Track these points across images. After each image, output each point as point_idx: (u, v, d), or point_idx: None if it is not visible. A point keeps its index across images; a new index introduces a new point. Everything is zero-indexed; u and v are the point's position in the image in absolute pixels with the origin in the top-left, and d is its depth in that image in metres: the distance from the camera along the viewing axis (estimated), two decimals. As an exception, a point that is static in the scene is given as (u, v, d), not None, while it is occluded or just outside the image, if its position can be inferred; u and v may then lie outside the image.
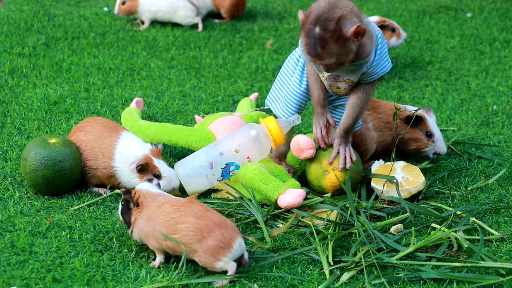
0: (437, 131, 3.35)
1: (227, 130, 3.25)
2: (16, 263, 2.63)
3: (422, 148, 3.35)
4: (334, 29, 2.73)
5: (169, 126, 3.32)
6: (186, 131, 3.28)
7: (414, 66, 4.54)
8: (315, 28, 2.74)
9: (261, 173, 2.97)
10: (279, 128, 3.01)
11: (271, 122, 3.02)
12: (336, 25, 2.73)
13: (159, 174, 3.01)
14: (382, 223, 2.85)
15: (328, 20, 2.72)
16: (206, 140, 3.24)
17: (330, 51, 2.75)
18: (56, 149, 3.01)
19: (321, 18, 2.73)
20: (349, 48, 2.78)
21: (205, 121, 3.38)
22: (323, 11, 2.74)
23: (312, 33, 2.74)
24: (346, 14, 2.74)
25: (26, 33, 4.76)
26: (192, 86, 4.14)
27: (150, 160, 3.02)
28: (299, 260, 2.70)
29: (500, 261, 2.66)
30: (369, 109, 3.31)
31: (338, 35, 2.73)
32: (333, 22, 2.72)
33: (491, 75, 4.40)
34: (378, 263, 2.63)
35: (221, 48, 4.71)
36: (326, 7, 2.74)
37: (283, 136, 3.02)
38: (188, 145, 3.26)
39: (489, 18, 5.38)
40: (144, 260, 2.67)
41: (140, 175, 3.02)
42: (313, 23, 2.74)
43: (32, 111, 3.76)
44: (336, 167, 3.01)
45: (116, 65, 4.37)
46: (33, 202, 3.00)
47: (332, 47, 2.74)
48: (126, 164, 3.03)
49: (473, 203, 3.07)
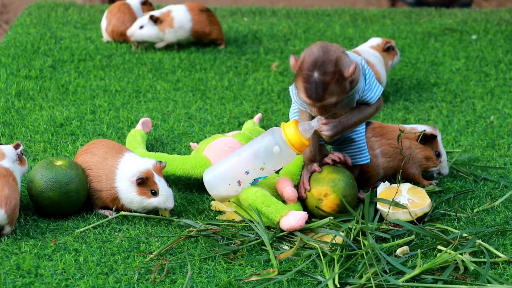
0: (444, 151, 3.36)
1: (221, 153, 3.25)
2: (21, 285, 2.63)
3: (431, 167, 3.35)
4: (334, 71, 2.83)
5: (164, 156, 3.30)
6: (181, 160, 3.28)
7: (419, 88, 4.55)
8: (314, 73, 2.82)
9: (263, 196, 2.97)
10: (297, 135, 2.96)
11: (290, 128, 2.97)
12: (335, 67, 2.82)
13: (157, 191, 3.01)
14: (387, 245, 2.84)
15: (326, 64, 2.82)
16: (202, 166, 3.24)
17: (331, 92, 2.84)
18: (63, 171, 3.01)
19: (318, 62, 2.82)
20: (346, 86, 2.88)
21: (200, 147, 3.38)
22: (318, 56, 2.83)
23: (312, 79, 2.83)
24: (340, 56, 2.85)
25: (32, 56, 4.78)
26: (197, 108, 4.15)
27: (151, 175, 3.01)
28: (305, 282, 2.69)
29: (507, 283, 2.64)
30: (377, 136, 3.31)
31: (337, 77, 2.83)
32: (332, 64, 2.82)
33: (497, 97, 4.40)
34: (385, 285, 2.62)
35: (227, 70, 4.73)
36: (321, 52, 2.84)
37: (303, 141, 2.97)
38: (185, 173, 3.26)
39: (494, 40, 5.39)
40: (150, 282, 2.67)
41: (139, 189, 3.01)
42: (310, 68, 2.83)
43: (39, 133, 3.77)
44: (328, 193, 3.02)
45: (122, 87, 4.39)
46: (39, 224, 3.00)
47: (332, 88, 2.84)
48: (126, 182, 3.03)
49: (479, 225, 3.07)
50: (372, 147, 3.30)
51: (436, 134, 3.34)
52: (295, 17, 5.95)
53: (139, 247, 2.87)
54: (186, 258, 2.79)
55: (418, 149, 3.32)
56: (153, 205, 3.02)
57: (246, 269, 2.76)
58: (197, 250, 2.86)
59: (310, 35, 5.47)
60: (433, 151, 3.34)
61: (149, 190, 3.01)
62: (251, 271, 2.74)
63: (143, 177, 2.99)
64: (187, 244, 2.90)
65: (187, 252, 2.84)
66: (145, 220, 3.05)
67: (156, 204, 3.01)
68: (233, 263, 2.79)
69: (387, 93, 4.42)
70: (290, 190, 3.06)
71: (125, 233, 2.96)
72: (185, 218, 3.03)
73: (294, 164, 3.19)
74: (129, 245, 2.88)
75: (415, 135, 3.31)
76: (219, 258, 2.81)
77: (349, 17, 5.99)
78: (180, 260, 2.79)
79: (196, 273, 2.73)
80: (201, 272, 2.73)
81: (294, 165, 3.19)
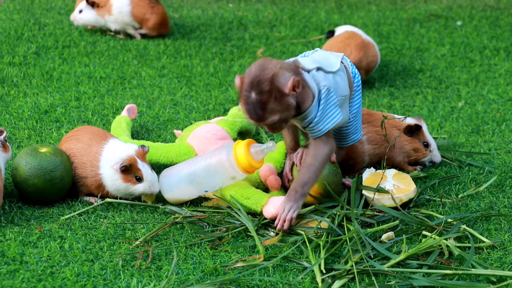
0: (432, 140, 3.37)
1: (204, 140, 3.26)
2: (6, 273, 2.62)
3: (420, 158, 3.36)
4: (270, 89, 2.74)
5: (148, 144, 3.30)
6: (165, 148, 3.27)
7: (404, 74, 4.55)
8: (251, 93, 2.75)
9: (241, 188, 2.97)
10: (246, 157, 2.90)
11: (240, 149, 2.92)
12: (271, 85, 2.74)
13: (141, 177, 3.00)
14: (372, 230, 2.85)
15: (261, 83, 2.74)
16: (186, 154, 3.24)
17: (271, 111, 2.76)
18: (47, 158, 3.00)
19: (254, 82, 2.74)
20: (289, 103, 2.78)
21: (183, 134, 3.38)
22: (255, 75, 2.75)
23: (250, 100, 2.75)
24: (277, 72, 2.76)
25: (16, 42, 4.75)
26: (183, 95, 4.14)
27: (135, 162, 3.00)
28: (290, 268, 2.70)
29: (491, 268, 2.66)
30: (364, 123, 3.31)
31: (275, 94, 2.75)
32: (267, 83, 2.74)
33: (481, 83, 4.42)
34: (370, 270, 2.63)
35: (212, 56, 4.72)
36: (257, 71, 2.76)
37: (252, 164, 2.91)
38: (169, 161, 3.26)
39: (479, 26, 5.40)
40: (135, 269, 2.67)
41: (124, 177, 3.01)
42: (248, 89, 2.75)
43: (23, 120, 3.75)
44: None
45: (107, 74, 4.37)
46: (23, 212, 2.99)
47: (272, 106, 2.76)
48: (111, 169, 3.02)
49: (463, 210, 3.08)
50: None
51: (421, 124, 3.35)
52: (280, 3, 5.93)
53: (125, 234, 2.86)
54: (172, 245, 2.78)
55: (406, 142, 3.32)
56: (139, 191, 3.01)
57: (232, 255, 2.76)
58: (183, 237, 2.86)
59: (295, 21, 5.46)
60: (420, 142, 3.34)
61: (134, 176, 3.00)
62: (237, 257, 2.74)
63: (127, 164, 2.99)
64: (172, 230, 2.89)
65: (172, 238, 2.84)
66: (130, 207, 3.04)
67: (142, 190, 3.00)
68: (219, 250, 2.79)
69: (373, 79, 4.42)
70: (273, 179, 3.06)
71: (111, 220, 2.96)
72: (170, 205, 3.03)
73: (278, 152, 3.19)
74: (114, 231, 2.87)
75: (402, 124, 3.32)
76: (205, 244, 2.81)
77: (334, 3, 5.98)
78: (166, 247, 2.79)
79: (181, 259, 2.73)
80: (186, 258, 2.73)
81: (278, 152, 3.19)
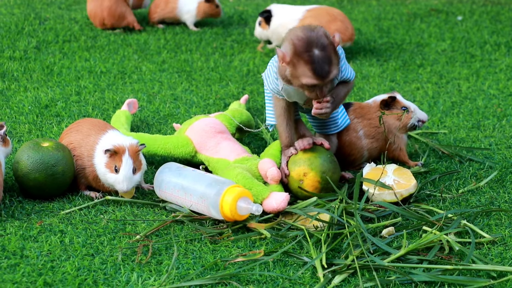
0: (411, 103, 3.37)
1: (202, 133, 3.26)
2: (7, 267, 2.62)
3: (407, 122, 3.34)
4: (329, 43, 2.84)
5: (146, 136, 3.30)
6: (163, 140, 3.27)
7: (405, 69, 4.55)
8: (314, 51, 2.81)
9: (244, 178, 2.97)
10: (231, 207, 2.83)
11: (229, 197, 2.84)
12: (328, 39, 2.84)
13: (118, 168, 2.99)
14: (373, 225, 2.85)
15: (320, 39, 2.82)
16: (184, 146, 3.24)
17: (334, 64, 2.85)
18: (49, 152, 3.00)
19: (313, 41, 2.82)
20: (339, 56, 2.90)
21: (182, 127, 3.38)
22: (309, 36, 2.83)
23: (314, 57, 2.81)
24: (323, 29, 2.88)
25: (17, 37, 4.75)
26: (183, 89, 4.14)
27: (122, 152, 2.97)
28: (291, 263, 2.70)
29: (491, 263, 2.66)
30: (359, 117, 3.31)
31: (332, 47, 2.85)
32: (324, 38, 2.83)
33: (482, 78, 4.41)
34: (371, 265, 2.63)
35: (213, 51, 4.72)
36: (307, 32, 2.84)
37: (234, 216, 2.84)
38: (167, 153, 3.26)
39: (479, 21, 5.40)
40: (136, 263, 2.67)
41: (107, 162, 2.98)
42: (308, 49, 2.81)
43: (23, 114, 3.75)
44: (306, 172, 3.02)
45: (107, 68, 4.37)
46: (24, 206, 2.99)
47: (334, 59, 2.85)
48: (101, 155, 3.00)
49: (464, 206, 3.08)
50: (355, 129, 3.30)
51: (394, 95, 3.35)
52: (281, -2, 5.93)
53: (125, 229, 2.86)
54: (172, 240, 2.79)
55: (389, 117, 3.32)
56: (110, 181, 2.99)
57: (232, 250, 2.76)
58: (183, 232, 2.86)
59: (296, 16, 5.45)
60: (399, 109, 3.34)
61: (114, 165, 2.99)
62: (237, 252, 2.74)
63: (111, 149, 2.97)
64: (173, 225, 2.90)
65: (173, 233, 2.84)
66: (130, 202, 3.04)
67: (112, 181, 2.98)
68: (219, 244, 2.79)
69: (373, 74, 4.42)
70: (275, 170, 3.06)
71: (111, 214, 2.96)
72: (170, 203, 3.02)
73: (276, 148, 3.19)
74: (115, 226, 2.88)
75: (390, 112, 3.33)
76: (205, 239, 2.81)
77: (335, -2, 5.98)
78: (166, 242, 2.79)
79: (182, 254, 2.73)
80: (187, 253, 2.73)
81: (276, 149, 3.19)
